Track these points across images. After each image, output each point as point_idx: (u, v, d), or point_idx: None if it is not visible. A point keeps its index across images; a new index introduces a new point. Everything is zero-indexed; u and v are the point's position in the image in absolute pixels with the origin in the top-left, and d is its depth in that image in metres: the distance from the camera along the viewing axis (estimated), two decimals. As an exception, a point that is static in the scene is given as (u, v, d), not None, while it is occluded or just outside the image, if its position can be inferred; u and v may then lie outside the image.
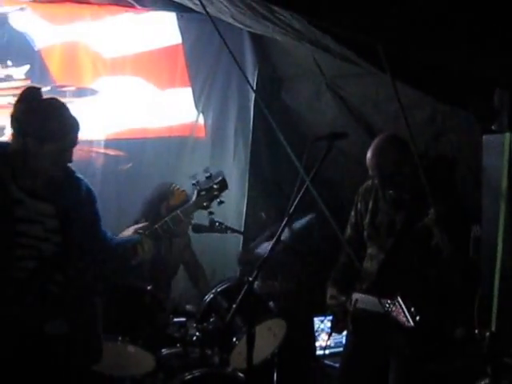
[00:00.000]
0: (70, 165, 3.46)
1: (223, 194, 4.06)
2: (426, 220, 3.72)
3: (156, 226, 3.86)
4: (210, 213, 4.08)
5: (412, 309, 3.59)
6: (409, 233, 3.82)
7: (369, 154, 3.86)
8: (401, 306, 3.62)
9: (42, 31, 5.32)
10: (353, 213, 4.13)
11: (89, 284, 3.57)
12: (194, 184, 3.98)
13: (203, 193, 3.96)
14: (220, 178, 4.03)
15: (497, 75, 3.34)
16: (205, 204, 3.97)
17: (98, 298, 3.73)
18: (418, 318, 3.57)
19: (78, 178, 3.59)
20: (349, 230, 4.15)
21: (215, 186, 4.00)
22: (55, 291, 3.37)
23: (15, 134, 3.34)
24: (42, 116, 3.31)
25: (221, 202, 4.06)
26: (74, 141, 3.42)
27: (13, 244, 3.30)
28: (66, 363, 3.45)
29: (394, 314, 3.65)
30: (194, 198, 3.98)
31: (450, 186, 3.79)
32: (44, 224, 3.38)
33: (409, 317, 3.58)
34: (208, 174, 4.01)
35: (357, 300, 3.86)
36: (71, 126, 3.41)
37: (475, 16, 2.64)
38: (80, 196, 3.56)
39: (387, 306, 3.68)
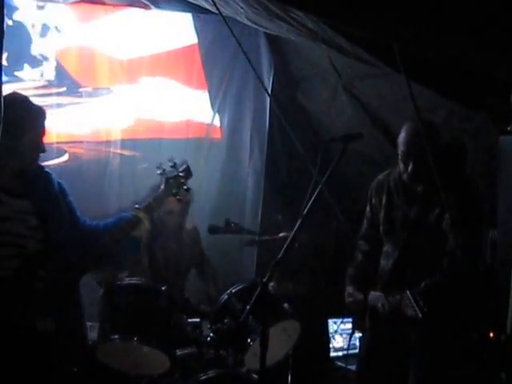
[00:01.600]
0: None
1: (188, 181, 4.19)
2: (442, 225, 3.70)
3: (148, 200, 4.00)
4: (179, 200, 4.26)
5: (420, 301, 3.59)
6: (422, 227, 3.80)
7: (403, 131, 3.84)
8: (409, 298, 3.64)
9: (58, 32, 5.35)
10: (368, 208, 4.11)
11: (71, 276, 3.63)
12: (160, 173, 4.12)
13: (171, 181, 4.08)
14: (184, 166, 4.19)
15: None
16: (174, 191, 4.09)
17: (80, 295, 3.78)
18: (425, 309, 3.57)
19: (48, 173, 3.69)
20: (366, 225, 4.13)
21: (181, 174, 4.12)
22: (40, 287, 3.39)
23: None
24: (12, 110, 3.32)
25: (187, 190, 4.20)
26: (43, 129, 3.54)
27: None
28: (53, 361, 3.52)
29: (402, 307, 3.64)
30: (162, 186, 4.09)
31: (461, 174, 3.77)
32: (26, 222, 3.42)
33: (417, 309, 3.59)
34: (172, 163, 4.15)
35: (367, 298, 3.86)
36: (38, 113, 3.52)
37: (492, 16, 2.62)
38: (53, 190, 3.65)
39: (397, 299, 3.67)
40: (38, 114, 3.50)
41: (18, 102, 3.45)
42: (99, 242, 3.76)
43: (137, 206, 3.93)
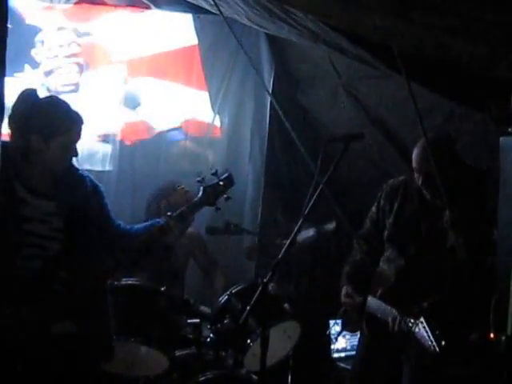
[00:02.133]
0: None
1: (229, 190, 4.00)
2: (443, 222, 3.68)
3: (180, 209, 3.83)
4: (217, 208, 3.98)
5: (437, 332, 3.50)
6: (433, 241, 3.77)
7: (419, 148, 3.77)
8: (425, 328, 3.53)
9: (59, 32, 5.35)
10: (374, 209, 4.07)
11: (97, 281, 3.60)
12: (199, 181, 3.92)
13: (209, 189, 3.90)
14: (226, 175, 3.97)
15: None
16: (211, 200, 3.91)
17: (108, 295, 3.74)
18: (443, 342, 3.48)
19: (82, 175, 3.65)
20: (368, 225, 4.09)
21: (221, 183, 3.94)
22: (60, 289, 3.38)
23: (16, 133, 3.39)
24: (44, 113, 3.38)
25: (228, 199, 3.99)
26: (77, 135, 3.49)
27: (20, 243, 3.33)
28: (74, 363, 3.46)
29: (418, 336, 3.57)
30: (199, 194, 3.91)
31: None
32: (50, 223, 3.42)
33: (434, 342, 3.47)
34: (214, 171, 3.96)
35: (369, 304, 3.83)
36: (74, 119, 3.47)
37: (494, 17, 2.62)
38: (85, 192, 3.60)
39: (410, 324, 3.62)
40: (73, 119, 3.46)
41: (52, 106, 3.44)
42: (128, 247, 3.70)
43: (169, 213, 3.79)
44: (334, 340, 5.30)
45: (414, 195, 3.88)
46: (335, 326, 5.07)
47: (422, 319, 3.55)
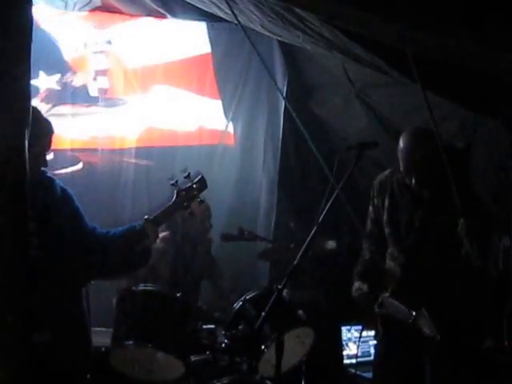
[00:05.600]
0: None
1: (202, 193, 3.98)
2: (456, 230, 3.69)
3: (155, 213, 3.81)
4: (190, 214, 3.97)
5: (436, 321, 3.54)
6: (429, 233, 3.79)
7: (402, 140, 3.80)
8: (425, 317, 3.58)
9: (74, 40, 5.40)
10: (371, 208, 4.07)
11: (73, 285, 3.54)
12: (172, 184, 3.89)
13: (183, 193, 3.87)
14: (199, 178, 3.96)
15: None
16: (185, 204, 3.87)
17: (85, 300, 3.67)
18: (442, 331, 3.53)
19: (51, 178, 3.60)
20: (370, 225, 4.08)
21: (194, 186, 3.92)
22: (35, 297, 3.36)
23: None
24: None
25: (201, 202, 3.98)
26: (48, 145, 3.44)
27: None
28: (53, 372, 3.39)
29: (420, 324, 3.62)
30: (173, 198, 3.88)
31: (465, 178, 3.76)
32: None
33: (433, 329, 3.53)
34: (186, 174, 3.94)
35: (382, 303, 3.84)
36: (45, 130, 3.41)
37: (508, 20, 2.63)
38: (55, 195, 3.55)
39: (413, 316, 3.66)
40: (44, 128, 3.40)
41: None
42: (103, 251, 3.63)
43: (146, 217, 3.78)
44: (346, 346, 5.32)
45: (402, 188, 3.91)
46: (347, 333, 5.10)
47: (423, 310, 3.59)
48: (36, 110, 3.41)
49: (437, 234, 3.76)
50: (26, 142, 2.48)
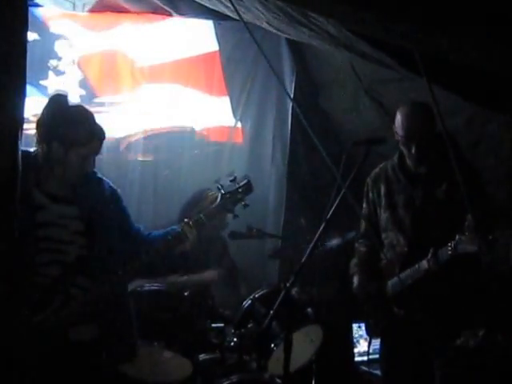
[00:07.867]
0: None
1: (247, 197, 3.89)
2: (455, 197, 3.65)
3: (199, 215, 3.76)
4: (235, 216, 3.91)
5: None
6: (430, 205, 3.78)
7: (401, 111, 3.86)
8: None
9: (81, 40, 5.40)
10: (364, 204, 4.09)
11: (119, 284, 3.58)
12: (218, 187, 3.85)
13: (227, 195, 3.82)
14: (245, 181, 3.88)
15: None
16: (229, 207, 3.83)
17: (131, 297, 3.76)
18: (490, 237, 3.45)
19: (100, 179, 3.65)
20: (363, 224, 4.10)
21: (240, 190, 3.85)
22: (78, 295, 3.40)
23: (40, 139, 3.41)
24: (68, 122, 3.38)
25: (246, 206, 3.89)
26: (97, 148, 3.49)
27: (36, 250, 3.34)
28: (92, 369, 3.48)
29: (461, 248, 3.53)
30: (217, 201, 3.84)
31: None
32: (67, 227, 3.42)
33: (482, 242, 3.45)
34: (232, 177, 3.88)
35: (391, 285, 3.82)
36: (96, 133, 3.47)
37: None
38: (104, 196, 3.61)
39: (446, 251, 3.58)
40: (96, 132, 3.46)
41: (78, 115, 3.44)
42: (145, 252, 3.62)
43: (186, 219, 3.74)
44: (356, 343, 5.29)
45: (397, 171, 3.92)
46: (358, 330, 5.07)
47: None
48: (90, 113, 3.50)
49: (437, 209, 3.76)
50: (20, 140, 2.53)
